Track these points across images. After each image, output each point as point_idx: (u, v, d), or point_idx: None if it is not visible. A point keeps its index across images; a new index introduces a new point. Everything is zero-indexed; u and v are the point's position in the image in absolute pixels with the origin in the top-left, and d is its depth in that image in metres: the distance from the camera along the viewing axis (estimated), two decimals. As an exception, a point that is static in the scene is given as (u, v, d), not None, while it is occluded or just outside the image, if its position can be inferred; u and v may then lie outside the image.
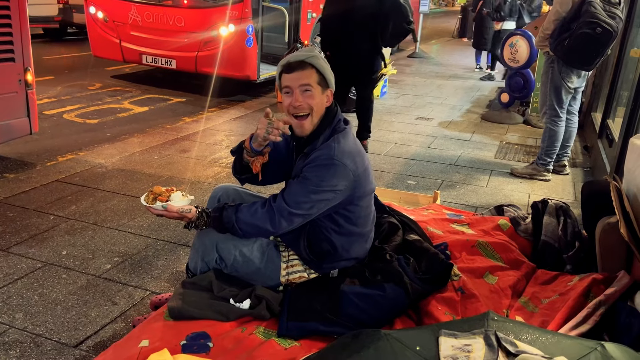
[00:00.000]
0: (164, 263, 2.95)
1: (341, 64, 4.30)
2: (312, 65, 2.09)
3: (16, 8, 3.93)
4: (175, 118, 6.28)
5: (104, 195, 3.81)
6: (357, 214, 2.20)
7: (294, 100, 2.09)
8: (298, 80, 2.08)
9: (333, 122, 2.15)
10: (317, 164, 2.05)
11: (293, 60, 2.09)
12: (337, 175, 2.05)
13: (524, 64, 6.52)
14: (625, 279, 2.15)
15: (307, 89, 2.08)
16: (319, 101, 2.11)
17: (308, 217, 2.11)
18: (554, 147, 4.61)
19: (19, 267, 2.84)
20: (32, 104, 4.22)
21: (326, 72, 2.13)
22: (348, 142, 2.12)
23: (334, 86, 2.19)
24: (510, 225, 2.84)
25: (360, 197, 2.18)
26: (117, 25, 7.57)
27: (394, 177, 4.57)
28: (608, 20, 3.88)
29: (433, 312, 2.11)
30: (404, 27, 4.63)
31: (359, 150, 2.17)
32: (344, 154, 2.07)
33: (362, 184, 2.14)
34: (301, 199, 2.05)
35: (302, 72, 2.08)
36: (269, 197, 2.13)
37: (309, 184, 2.05)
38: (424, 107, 7.55)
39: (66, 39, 12.01)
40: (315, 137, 2.13)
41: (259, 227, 2.10)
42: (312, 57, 2.10)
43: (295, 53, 2.15)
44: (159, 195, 2.12)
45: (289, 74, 2.10)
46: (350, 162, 2.08)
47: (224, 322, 2.01)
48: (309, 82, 2.08)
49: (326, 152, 2.06)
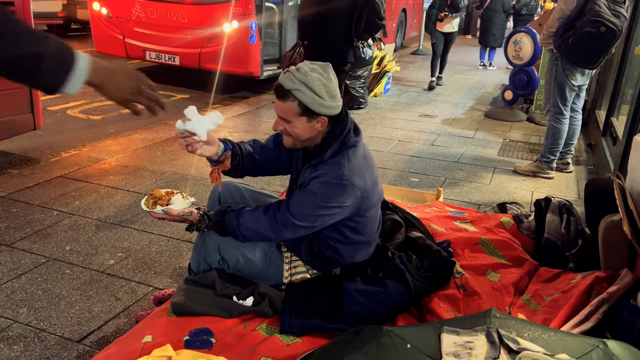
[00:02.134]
0: (167, 259, 2.96)
1: (316, 54, 4.46)
2: (294, 97, 1.94)
3: (20, 4, 3.93)
4: (178, 114, 6.27)
5: (108, 191, 3.82)
6: (363, 225, 2.16)
7: (276, 123, 2.04)
8: (280, 110, 2.00)
9: (342, 135, 2.05)
10: (325, 181, 1.98)
11: (279, 86, 1.96)
12: (346, 194, 1.99)
13: (528, 61, 6.50)
14: (628, 277, 2.15)
15: (286, 120, 2.00)
16: (303, 129, 2.00)
17: (312, 230, 2.07)
18: (557, 145, 4.60)
19: (22, 262, 2.85)
20: (36, 100, 4.22)
21: (313, 104, 1.94)
22: (357, 157, 2.04)
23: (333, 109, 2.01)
24: (513, 223, 2.83)
25: (367, 209, 2.13)
26: (121, 21, 7.57)
27: (397, 174, 4.57)
28: (612, 19, 3.87)
29: (435, 309, 2.12)
30: (376, 22, 4.85)
31: (369, 163, 2.11)
32: (353, 173, 1.99)
33: (369, 197, 2.10)
34: (307, 212, 2.01)
35: (284, 104, 1.96)
36: (273, 204, 2.08)
37: (316, 200, 1.99)
38: (427, 104, 7.54)
39: (70, 34, 12.02)
40: (323, 150, 2.05)
41: (261, 234, 2.08)
42: (296, 90, 1.93)
43: (285, 74, 1.97)
44: (159, 199, 2.10)
45: (276, 99, 2.00)
46: (360, 181, 2.01)
47: (227, 318, 2.02)
48: (288, 117, 1.98)
49: (335, 170, 1.98)
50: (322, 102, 1.96)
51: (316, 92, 1.94)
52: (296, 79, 1.93)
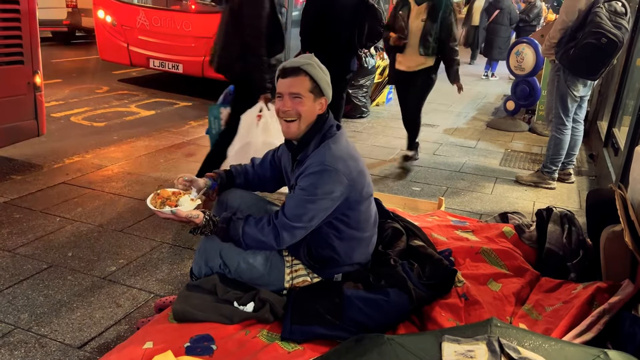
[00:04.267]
0: (169, 266, 2.97)
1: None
2: (306, 73, 2.10)
3: (26, 12, 3.97)
4: (181, 122, 6.31)
5: (110, 198, 3.83)
6: (355, 219, 2.21)
7: (282, 105, 2.13)
8: (290, 87, 2.11)
9: (323, 129, 2.16)
10: (309, 172, 2.07)
11: (288, 66, 2.12)
12: (331, 181, 2.05)
13: (530, 72, 6.53)
14: (630, 288, 2.15)
15: (297, 96, 2.10)
16: (309, 109, 2.12)
17: (310, 228, 2.11)
18: (559, 155, 4.61)
19: (24, 268, 2.86)
20: (40, 107, 4.25)
21: (321, 81, 2.13)
22: (340, 146, 2.13)
23: (330, 94, 2.20)
24: (515, 233, 2.84)
25: (358, 202, 2.18)
26: (125, 29, 7.63)
27: (399, 183, 4.58)
28: (613, 31, 3.88)
29: (436, 318, 2.12)
30: (378, 29, 4.84)
31: (351, 154, 2.17)
32: (336, 159, 2.08)
33: (357, 187, 2.14)
34: (300, 211, 2.06)
35: (295, 79, 2.10)
36: (271, 215, 2.14)
37: (304, 195, 2.06)
38: (429, 114, 7.55)
39: (74, 42, 12.10)
40: (306, 143, 2.16)
41: (264, 243, 2.12)
42: (307, 64, 2.11)
43: (293, 59, 2.19)
44: (167, 199, 2.13)
45: (283, 79, 2.13)
46: (343, 166, 2.08)
47: (228, 324, 2.02)
48: (299, 91, 2.10)
49: (317, 159, 2.08)
50: (327, 81, 2.17)
51: (323, 70, 2.16)
52: (305, 59, 2.14)
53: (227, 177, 2.44)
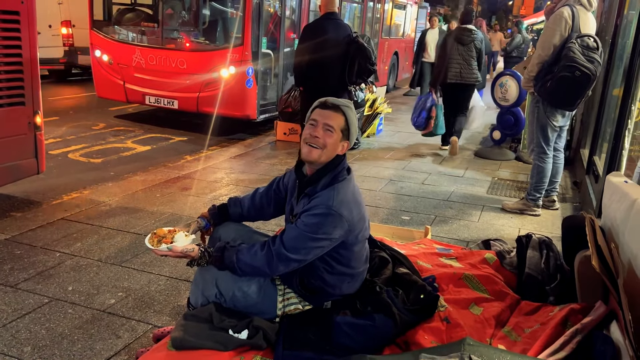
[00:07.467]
0: (166, 298, 3.08)
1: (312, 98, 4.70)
2: (344, 113, 2.27)
3: (28, 54, 4.15)
4: (177, 156, 6.47)
5: (108, 233, 3.95)
6: (347, 257, 2.33)
7: (313, 130, 2.25)
8: (326, 118, 2.26)
9: (336, 169, 2.28)
10: (316, 212, 2.18)
11: (331, 102, 2.29)
12: (334, 225, 2.17)
13: (514, 102, 6.76)
14: (602, 309, 2.27)
15: (329, 128, 2.25)
16: (334, 143, 2.26)
17: (304, 262, 2.23)
18: (542, 183, 4.78)
19: (26, 302, 2.96)
20: (40, 145, 4.39)
21: (352, 126, 2.30)
22: (347, 192, 2.26)
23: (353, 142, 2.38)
24: (496, 259, 2.97)
25: (352, 244, 2.31)
26: (122, 67, 7.85)
27: (388, 212, 4.72)
28: (587, 64, 4.11)
29: (420, 340, 2.23)
30: (368, 67, 5.20)
31: (356, 199, 2.31)
32: (342, 204, 2.20)
33: (355, 232, 2.27)
34: (299, 245, 2.18)
35: (333, 114, 2.27)
36: (268, 240, 2.25)
37: (307, 231, 2.17)
38: (418, 145, 7.75)
39: (70, 79, 12.32)
40: (317, 180, 2.27)
41: (258, 269, 2.23)
42: (347, 107, 2.30)
43: (335, 98, 2.35)
44: (163, 237, 2.27)
45: (322, 110, 2.29)
46: (347, 212, 2.20)
47: (223, 351, 2.12)
48: (333, 125, 2.25)
49: (325, 201, 2.19)
50: (357, 130, 2.36)
51: (355, 119, 2.35)
52: (347, 102, 2.33)
53: (221, 211, 2.59)
